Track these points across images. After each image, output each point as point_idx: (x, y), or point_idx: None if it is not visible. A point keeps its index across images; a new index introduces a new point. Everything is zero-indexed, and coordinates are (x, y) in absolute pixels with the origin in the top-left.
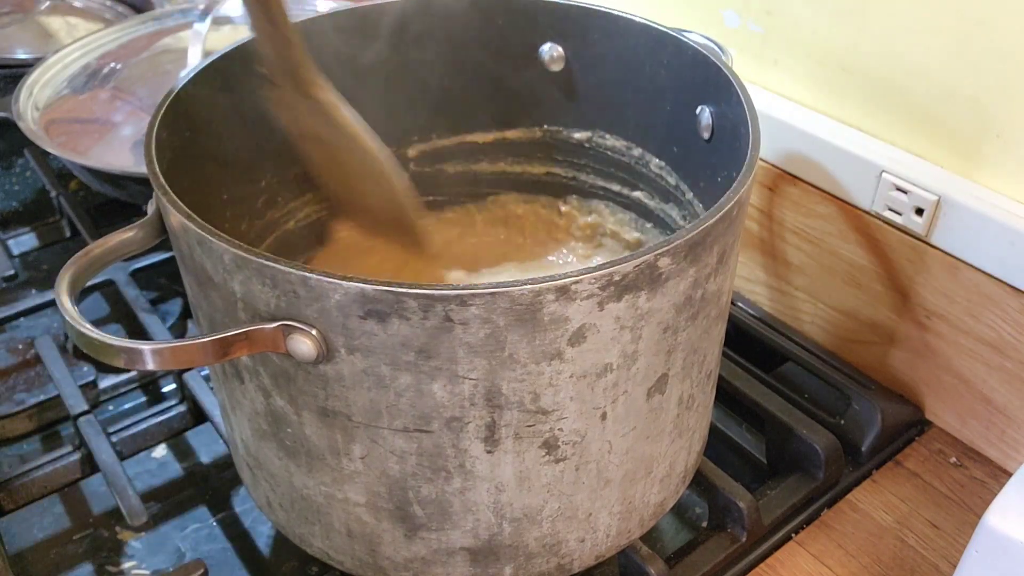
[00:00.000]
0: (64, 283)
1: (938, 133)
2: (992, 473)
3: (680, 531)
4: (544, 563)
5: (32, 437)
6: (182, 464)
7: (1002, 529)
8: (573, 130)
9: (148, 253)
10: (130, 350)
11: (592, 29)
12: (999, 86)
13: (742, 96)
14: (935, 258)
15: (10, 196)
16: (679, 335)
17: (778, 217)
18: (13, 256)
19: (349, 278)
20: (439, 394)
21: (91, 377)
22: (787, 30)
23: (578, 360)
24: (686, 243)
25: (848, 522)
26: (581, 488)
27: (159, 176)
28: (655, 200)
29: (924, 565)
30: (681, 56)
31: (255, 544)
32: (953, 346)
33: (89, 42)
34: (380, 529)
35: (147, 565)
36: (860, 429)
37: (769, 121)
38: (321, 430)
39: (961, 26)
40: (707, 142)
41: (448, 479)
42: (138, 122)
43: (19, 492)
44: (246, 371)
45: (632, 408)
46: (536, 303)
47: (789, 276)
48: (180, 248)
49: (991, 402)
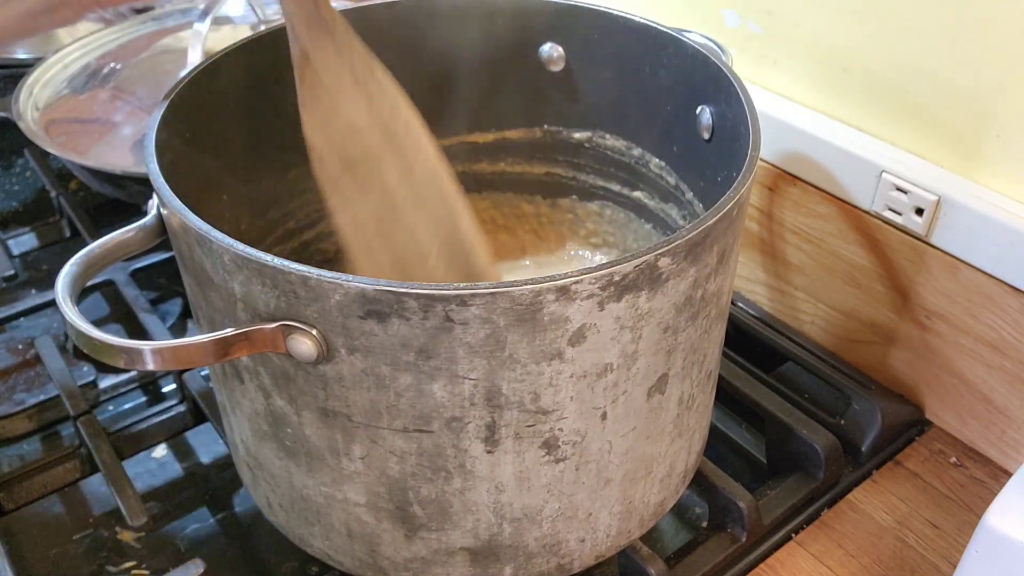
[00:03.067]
0: (64, 283)
1: (938, 133)
2: (992, 473)
3: (680, 531)
4: (544, 563)
5: (32, 437)
6: (182, 464)
7: (1002, 529)
8: (573, 130)
9: (148, 253)
10: (130, 350)
11: (592, 29)
12: (999, 86)
13: (742, 96)
14: (935, 258)
15: (10, 196)
16: (679, 335)
17: (778, 217)
18: (13, 256)
19: (349, 278)
20: (439, 394)
21: (91, 377)
22: (787, 30)
23: (578, 360)
24: (686, 243)
25: (848, 522)
26: (581, 488)
27: (159, 176)
28: (655, 200)
29: (924, 565)
30: (681, 56)
31: (255, 544)
32: (953, 346)
33: (89, 42)
34: (380, 529)
35: (147, 565)
36: (860, 429)
37: (769, 121)
38: (321, 430)
39: (961, 26)
40: (707, 142)
41: (448, 479)
42: (138, 122)
43: (19, 492)
44: (246, 371)
45: (632, 408)
46: (536, 303)
47: (789, 276)
48: (180, 248)
49: (991, 402)
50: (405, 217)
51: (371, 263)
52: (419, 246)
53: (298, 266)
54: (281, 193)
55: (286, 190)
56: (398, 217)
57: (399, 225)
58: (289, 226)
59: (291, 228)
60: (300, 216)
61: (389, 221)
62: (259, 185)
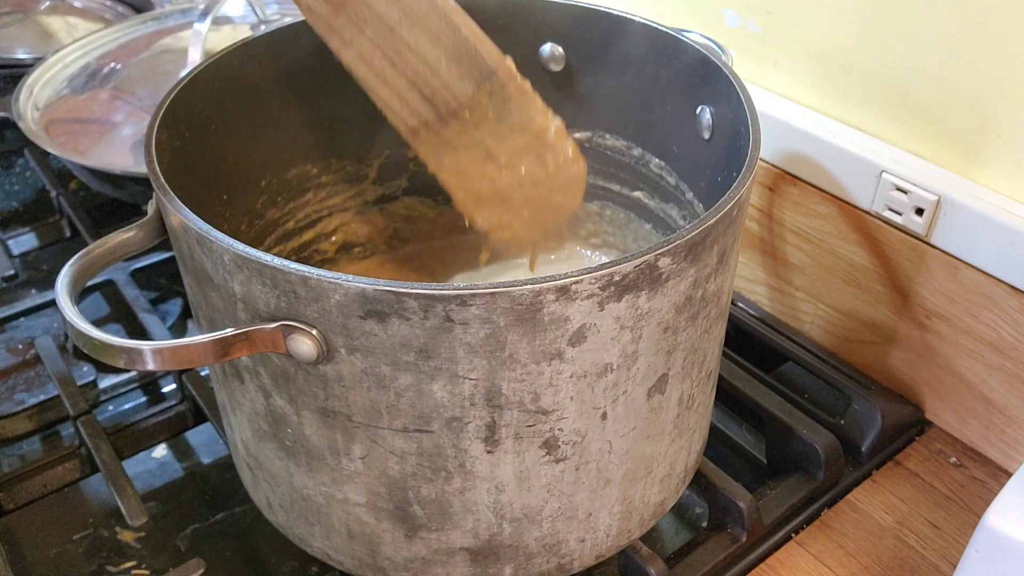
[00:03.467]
0: (64, 283)
1: (938, 133)
2: (992, 473)
3: (680, 531)
4: (544, 563)
5: (32, 437)
6: (182, 464)
7: (1002, 529)
8: (573, 130)
9: (148, 253)
10: (130, 350)
11: (592, 29)
12: (999, 86)
13: (742, 96)
14: (935, 258)
15: (10, 196)
16: (679, 335)
17: (778, 217)
18: (13, 256)
19: (349, 278)
20: (439, 394)
21: (91, 377)
22: (787, 30)
23: (578, 360)
24: (686, 243)
25: (848, 522)
26: (581, 488)
27: (159, 176)
28: (655, 200)
29: (924, 565)
30: (681, 56)
31: (255, 544)
32: (953, 346)
33: (89, 42)
34: (380, 529)
35: (147, 565)
36: (860, 429)
37: (769, 121)
38: (321, 430)
39: (961, 26)
40: (707, 142)
41: (448, 479)
42: (138, 122)
43: (19, 492)
44: (246, 371)
45: (632, 408)
46: (536, 303)
47: (789, 276)
48: (180, 248)
49: (991, 402)
50: (406, 38)
51: (389, 91)
52: (427, 61)
53: (298, 266)
54: (281, 193)
55: (286, 190)
56: (399, 39)
57: (403, 46)
58: (289, 226)
59: (291, 228)
60: (300, 216)
61: (391, 46)
62: (259, 185)
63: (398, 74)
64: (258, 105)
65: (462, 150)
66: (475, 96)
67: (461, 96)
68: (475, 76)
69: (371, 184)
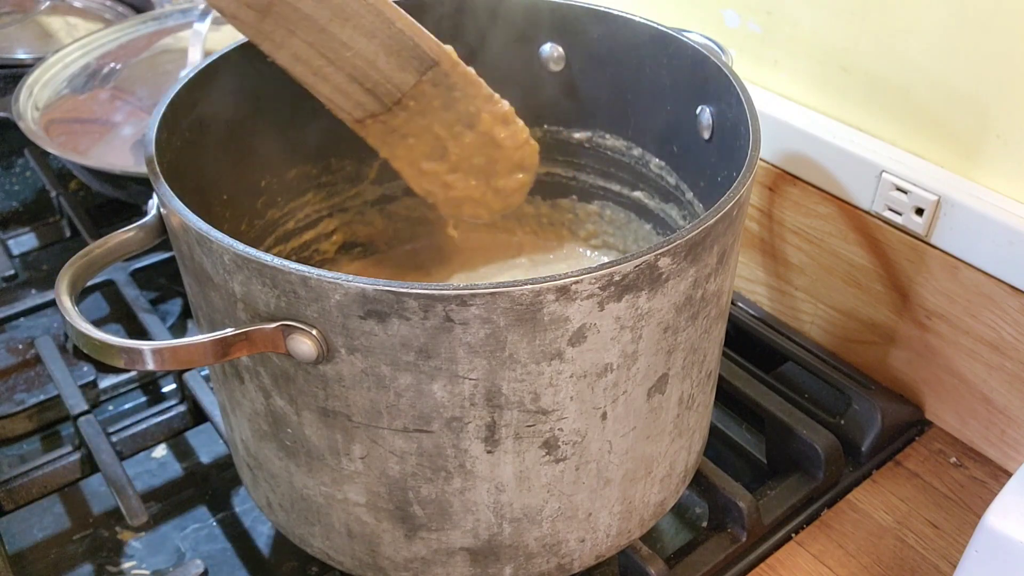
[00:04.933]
0: (64, 283)
1: (938, 133)
2: (992, 473)
3: (680, 531)
4: (544, 563)
5: (32, 437)
6: (182, 464)
7: (1002, 529)
8: (573, 130)
9: (148, 253)
10: (130, 350)
11: (592, 29)
12: (999, 86)
13: (742, 96)
14: (935, 258)
15: (10, 196)
16: (679, 335)
17: (778, 217)
18: (13, 256)
19: (349, 278)
20: (439, 394)
21: (91, 377)
22: (787, 30)
23: (578, 360)
24: (686, 243)
25: (848, 522)
26: (581, 488)
27: (159, 176)
28: (655, 200)
29: (924, 565)
30: (681, 56)
31: (255, 544)
32: (953, 346)
33: (89, 42)
34: (380, 529)
35: (147, 565)
36: (860, 429)
37: (769, 121)
38: (321, 430)
39: (961, 26)
40: (707, 142)
41: (448, 479)
42: (138, 122)
43: (19, 492)
44: (246, 371)
45: (632, 408)
46: (536, 303)
47: (789, 276)
48: (180, 248)
49: (991, 402)
50: (339, 36)
51: (329, 86)
52: (364, 56)
53: (298, 266)
54: (281, 193)
55: (286, 190)
56: (332, 37)
57: (337, 44)
58: (289, 226)
59: (291, 228)
60: (300, 216)
61: (325, 45)
62: (259, 185)
63: (336, 70)
64: (258, 105)
65: (411, 138)
66: (418, 86)
67: (403, 86)
68: (415, 67)
69: (371, 184)
